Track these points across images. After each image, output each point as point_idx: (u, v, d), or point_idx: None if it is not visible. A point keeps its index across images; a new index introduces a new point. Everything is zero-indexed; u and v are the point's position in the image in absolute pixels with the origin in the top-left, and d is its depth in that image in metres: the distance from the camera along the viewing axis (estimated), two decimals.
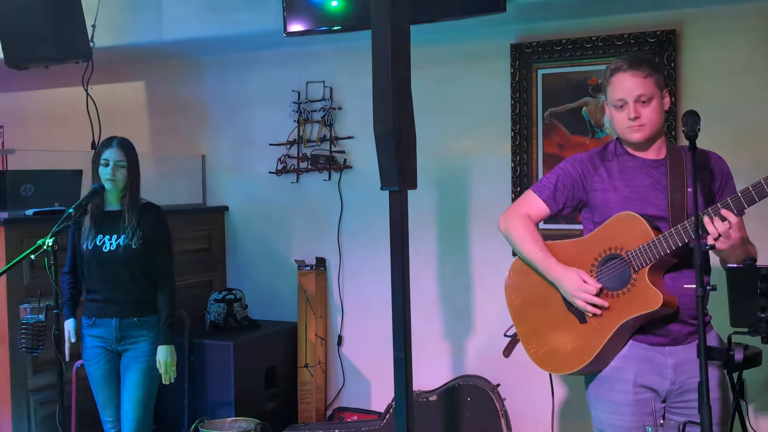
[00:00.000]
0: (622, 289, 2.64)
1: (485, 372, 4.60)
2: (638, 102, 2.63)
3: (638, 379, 2.66)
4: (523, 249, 2.88)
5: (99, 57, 4.94)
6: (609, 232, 2.69)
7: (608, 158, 2.79)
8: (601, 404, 2.76)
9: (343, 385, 5.15)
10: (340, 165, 5.12)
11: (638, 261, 2.59)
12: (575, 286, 2.69)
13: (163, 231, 3.98)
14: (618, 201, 2.71)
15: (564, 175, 2.84)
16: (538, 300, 2.88)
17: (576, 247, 2.80)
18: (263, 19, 4.66)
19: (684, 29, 4.19)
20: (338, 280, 5.17)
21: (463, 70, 4.74)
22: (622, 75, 2.64)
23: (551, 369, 2.87)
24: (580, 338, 2.74)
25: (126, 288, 3.86)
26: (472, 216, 4.77)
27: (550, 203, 2.86)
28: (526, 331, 2.93)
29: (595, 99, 4.38)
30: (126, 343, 3.88)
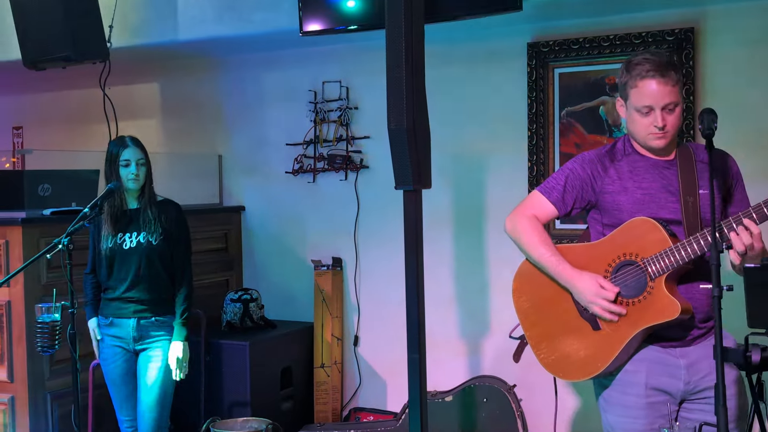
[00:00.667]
0: (638, 296, 2.58)
1: (501, 372, 4.57)
2: (665, 110, 2.56)
3: (650, 381, 2.61)
4: (533, 252, 2.80)
5: (116, 57, 4.97)
6: (623, 237, 2.63)
7: (617, 158, 2.73)
8: (612, 408, 2.71)
9: (359, 385, 5.15)
10: (356, 165, 5.11)
11: (655, 268, 2.53)
12: (592, 291, 2.63)
13: (181, 227, 4.04)
14: (629, 203, 2.65)
15: (573, 176, 2.78)
16: (547, 304, 2.82)
17: (589, 252, 2.73)
18: (279, 18, 4.66)
19: (703, 27, 4.15)
20: (355, 280, 5.17)
21: (480, 70, 4.72)
22: (652, 81, 2.56)
23: (563, 375, 2.81)
24: (593, 345, 2.68)
25: (145, 285, 3.89)
26: (488, 215, 4.74)
27: (559, 205, 2.80)
28: (535, 335, 2.86)
29: (612, 98, 4.34)
30: (143, 342, 3.91)
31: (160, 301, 3.94)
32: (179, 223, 4.02)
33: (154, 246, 3.89)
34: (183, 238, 4.03)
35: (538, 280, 2.83)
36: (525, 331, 2.91)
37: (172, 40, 4.99)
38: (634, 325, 2.57)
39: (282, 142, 5.33)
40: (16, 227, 4.19)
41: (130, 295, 3.90)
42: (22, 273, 3.96)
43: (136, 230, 3.91)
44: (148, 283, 3.90)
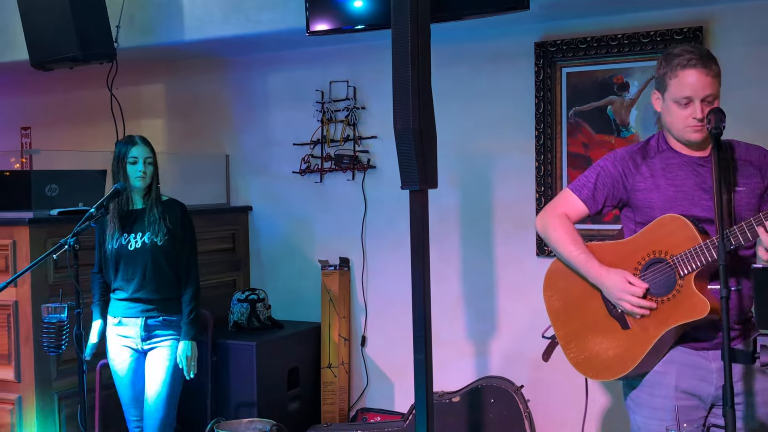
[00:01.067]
0: (666, 295, 2.54)
1: (509, 373, 4.57)
2: (704, 101, 2.52)
3: (680, 384, 2.58)
4: (562, 250, 2.78)
5: (123, 58, 4.98)
6: (653, 235, 2.60)
7: (650, 155, 2.69)
8: (640, 409, 2.68)
9: (366, 385, 5.14)
10: (363, 165, 5.10)
11: (684, 266, 2.49)
12: (620, 287, 2.60)
13: (187, 226, 4.04)
14: (662, 201, 2.61)
15: (604, 174, 2.75)
16: (577, 303, 2.80)
17: (618, 249, 2.71)
18: (286, 18, 4.65)
19: (712, 26, 4.12)
20: (362, 281, 5.16)
21: (487, 69, 4.71)
22: (694, 72, 2.52)
23: (592, 375, 2.78)
24: (622, 345, 2.66)
25: (152, 285, 3.90)
26: (495, 216, 4.73)
27: (590, 203, 2.77)
28: (565, 335, 2.84)
29: (620, 98, 4.32)
30: (151, 342, 3.93)
31: (167, 301, 3.95)
32: (184, 222, 4.02)
33: (159, 246, 3.90)
34: (188, 238, 4.03)
35: (569, 278, 2.81)
36: (555, 330, 2.89)
37: (178, 41, 4.99)
38: (662, 324, 2.54)
39: (289, 142, 5.33)
40: (23, 227, 4.20)
41: (137, 296, 3.91)
42: (29, 273, 3.97)
43: (141, 230, 3.91)
44: (154, 283, 3.91)
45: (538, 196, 4.53)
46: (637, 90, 4.28)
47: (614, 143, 4.33)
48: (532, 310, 4.56)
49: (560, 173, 4.48)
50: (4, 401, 4.26)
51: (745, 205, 2.51)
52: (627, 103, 4.30)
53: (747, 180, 2.56)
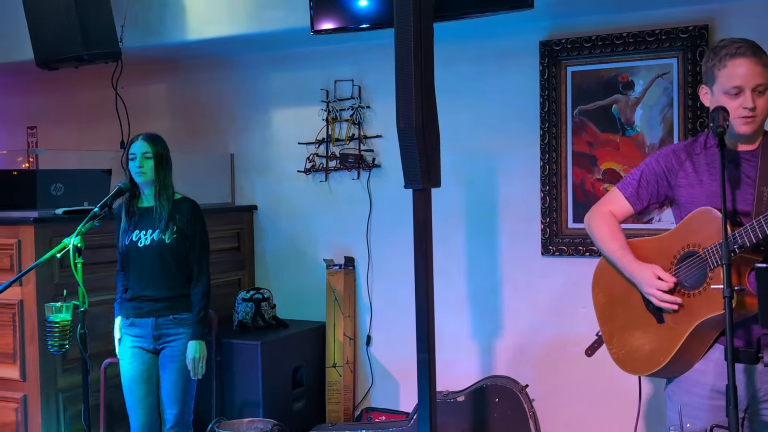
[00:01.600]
0: (698, 288, 2.53)
1: (514, 372, 4.56)
2: (755, 91, 2.48)
3: (717, 383, 2.54)
4: (603, 246, 2.82)
5: (128, 57, 4.99)
6: (687, 228, 2.60)
7: (696, 152, 2.68)
8: (674, 405, 2.67)
9: (371, 385, 5.13)
10: (368, 164, 5.10)
11: (714, 258, 2.47)
12: (648, 281, 2.62)
13: (197, 225, 4.01)
14: (704, 196, 2.60)
15: (648, 171, 2.76)
16: (620, 299, 2.82)
17: (656, 244, 2.73)
18: (291, 17, 4.65)
19: (717, 24, 4.11)
20: (367, 280, 5.15)
21: (492, 68, 4.70)
22: (743, 60, 2.48)
23: (630, 370, 2.78)
24: (657, 339, 2.66)
25: (160, 284, 3.91)
26: (500, 214, 4.72)
27: (634, 200, 2.79)
28: (609, 330, 2.87)
29: (625, 96, 4.31)
30: (163, 341, 3.94)
31: (176, 299, 3.95)
32: (194, 221, 4.00)
33: (167, 244, 3.90)
34: (198, 237, 4.01)
35: (613, 276, 2.84)
36: (600, 326, 2.92)
37: (183, 40, 5.00)
38: (693, 318, 2.52)
39: (294, 141, 5.33)
40: (29, 226, 4.20)
41: (145, 294, 3.92)
42: (34, 272, 3.99)
43: (150, 228, 3.93)
44: (162, 281, 3.92)
45: (542, 195, 4.51)
46: (642, 89, 4.26)
47: (619, 142, 4.32)
48: (537, 309, 4.57)
49: (565, 172, 4.46)
50: (10, 400, 4.26)
51: None
52: (632, 102, 4.29)
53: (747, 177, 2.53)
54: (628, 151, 4.28)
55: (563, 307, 4.50)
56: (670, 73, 4.20)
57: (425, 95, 2.91)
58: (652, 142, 4.24)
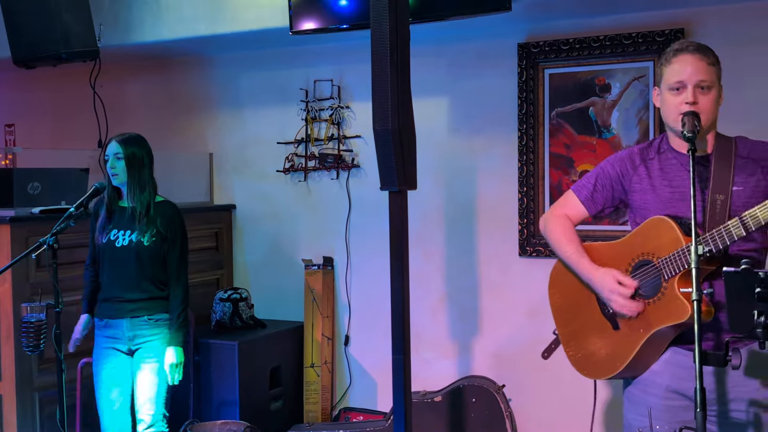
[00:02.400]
0: (654, 297, 2.55)
1: (491, 373, 4.58)
2: (698, 87, 2.50)
3: (672, 384, 2.58)
4: (558, 250, 2.83)
5: (107, 56, 4.96)
6: (642, 237, 2.61)
7: (650, 156, 2.69)
8: (632, 406, 2.70)
9: (349, 385, 5.14)
10: (348, 164, 5.10)
11: (669, 269, 2.50)
12: (609, 287, 2.63)
13: (177, 230, 3.99)
14: (657, 202, 2.61)
15: (603, 175, 2.77)
16: (576, 302, 2.83)
17: (611, 250, 2.74)
18: (270, 17, 4.64)
19: (693, 28, 4.14)
20: (346, 280, 5.16)
21: (471, 69, 4.71)
22: (687, 56, 2.51)
23: (587, 374, 2.81)
24: (613, 345, 2.69)
25: (135, 285, 3.89)
26: (478, 215, 4.74)
27: (588, 204, 2.80)
28: (566, 333, 2.89)
29: (602, 99, 4.34)
30: (138, 342, 3.92)
31: (152, 301, 3.93)
32: (175, 225, 3.98)
33: (145, 246, 3.88)
34: (177, 241, 3.98)
35: (568, 278, 2.85)
36: (558, 328, 2.94)
37: (162, 39, 4.98)
38: (649, 326, 2.55)
39: (273, 141, 5.32)
40: (5, 226, 4.18)
41: (120, 295, 3.90)
42: (9, 271, 3.96)
43: (129, 229, 3.91)
44: (138, 283, 3.90)
45: (520, 196, 4.54)
46: (618, 91, 4.29)
47: (596, 144, 4.35)
48: (514, 309, 4.59)
49: (542, 174, 4.49)
50: None
51: (743, 204, 2.48)
52: (609, 105, 4.32)
53: (746, 178, 2.53)
54: (604, 153, 4.30)
55: (540, 307, 4.48)
56: (646, 76, 4.23)
57: (401, 98, 2.93)
58: (628, 144, 4.27)
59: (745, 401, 2.52)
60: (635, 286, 2.59)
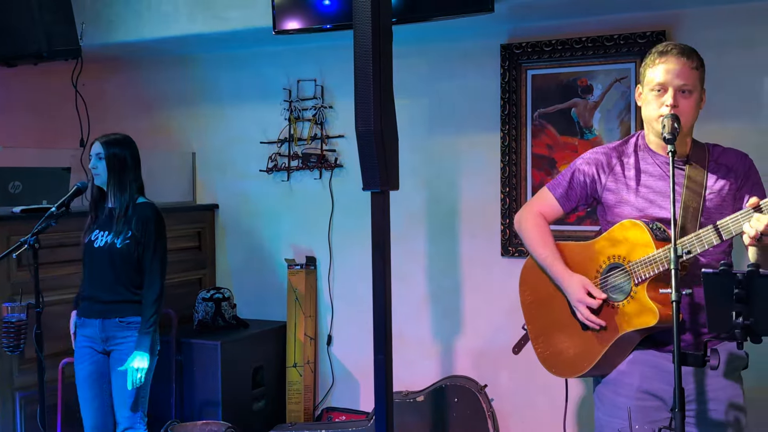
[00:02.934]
0: (623, 300, 2.57)
1: (473, 372, 4.60)
2: (680, 91, 2.51)
3: (643, 384, 2.61)
4: (531, 249, 2.85)
5: (89, 54, 4.94)
6: (614, 239, 2.62)
7: (627, 154, 2.70)
8: (603, 406, 2.72)
9: (332, 384, 5.14)
10: (331, 163, 5.10)
11: (639, 274, 2.52)
12: (578, 297, 2.65)
13: (152, 233, 3.93)
14: (631, 201, 2.63)
15: (578, 173, 2.79)
16: (546, 300, 2.85)
17: (583, 250, 2.75)
18: (253, 17, 4.64)
19: (674, 30, 4.17)
20: (328, 280, 5.16)
21: (454, 70, 4.73)
22: (671, 59, 2.52)
23: (555, 372, 2.84)
24: (582, 344, 2.71)
25: (109, 287, 3.87)
26: (461, 215, 4.75)
27: (563, 201, 2.82)
28: (535, 330, 2.91)
29: (584, 100, 4.36)
30: (112, 343, 3.90)
31: (124, 303, 3.89)
32: (149, 227, 3.92)
33: (117, 249, 3.84)
34: (154, 244, 3.92)
35: (539, 275, 2.87)
36: (527, 324, 2.96)
37: (145, 38, 4.97)
38: (617, 329, 2.58)
39: (256, 140, 5.31)
40: None
41: (96, 295, 3.89)
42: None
43: (108, 229, 3.89)
44: (111, 284, 3.87)
45: (503, 196, 4.56)
46: (600, 93, 4.32)
47: (578, 145, 4.37)
48: (496, 309, 4.61)
49: (525, 174, 4.51)
50: None
51: (715, 208, 2.52)
52: (591, 106, 4.34)
53: (719, 183, 2.56)
54: None
55: None
56: (628, 77, 4.25)
57: (384, 98, 2.93)
58: None
59: (720, 400, 2.55)
60: (603, 299, 2.61)
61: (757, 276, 2.11)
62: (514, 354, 3.11)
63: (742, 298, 2.13)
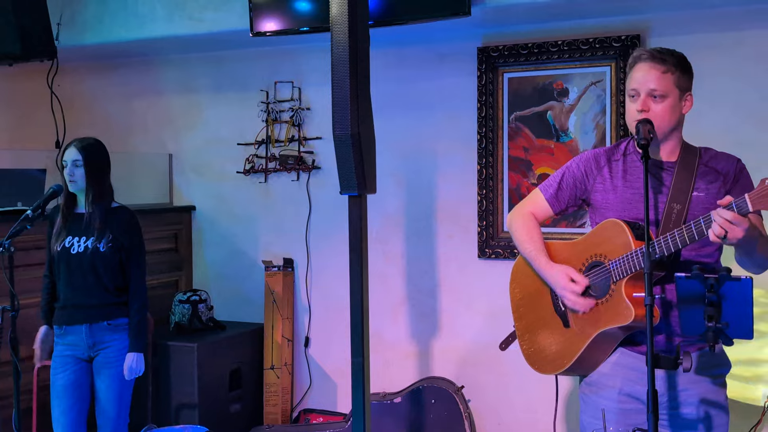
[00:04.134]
0: (603, 297, 2.61)
1: (450, 374, 4.62)
2: (650, 96, 2.54)
3: (624, 387, 2.64)
4: (521, 247, 2.90)
5: (64, 55, 4.92)
6: (596, 238, 2.68)
7: (615, 157, 2.74)
8: (587, 408, 2.75)
9: (309, 386, 5.15)
10: (308, 165, 5.11)
11: (618, 272, 2.55)
12: (561, 284, 2.69)
13: (134, 236, 3.95)
14: (617, 203, 2.67)
15: (568, 175, 2.83)
16: (532, 298, 2.90)
17: (568, 249, 2.81)
18: (230, 18, 4.64)
19: (648, 34, 4.21)
20: (306, 281, 5.16)
21: (431, 73, 4.75)
22: (642, 65, 2.57)
23: (537, 368, 2.89)
24: (563, 342, 2.75)
25: (93, 292, 3.85)
26: (438, 217, 4.77)
27: (553, 202, 2.86)
28: (522, 327, 2.96)
29: (560, 103, 4.39)
30: (98, 348, 3.88)
31: (110, 306, 3.89)
32: (131, 231, 3.93)
33: (101, 253, 3.84)
34: (134, 247, 3.93)
35: (528, 273, 2.91)
36: (515, 321, 3.00)
37: (122, 39, 4.95)
38: (595, 326, 2.62)
39: (233, 142, 5.31)
40: None
41: (78, 302, 3.86)
42: None
43: (84, 235, 3.86)
44: (95, 289, 3.85)
45: (479, 198, 4.58)
46: (576, 96, 4.35)
47: (554, 148, 4.40)
48: (473, 311, 4.64)
49: (501, 176, 4.54)
50: None
51: (701, 210, 2.52)
52: (566, 109, 4.38)
53: (707, 186, 2.59)
54: (562, 156, 4.37)
55: (499, 308, 4.54)
56: (603, 81, 4.29)
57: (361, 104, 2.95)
58: (585, 148, 4.33)
59: (695, 402, 2.58)
60: (586, 284, 2.66)
61: (728, 280, 2.14)
62: (501, 350, 3.15)
63: (714, 302, 2.16)
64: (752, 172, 2.70)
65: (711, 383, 2.61)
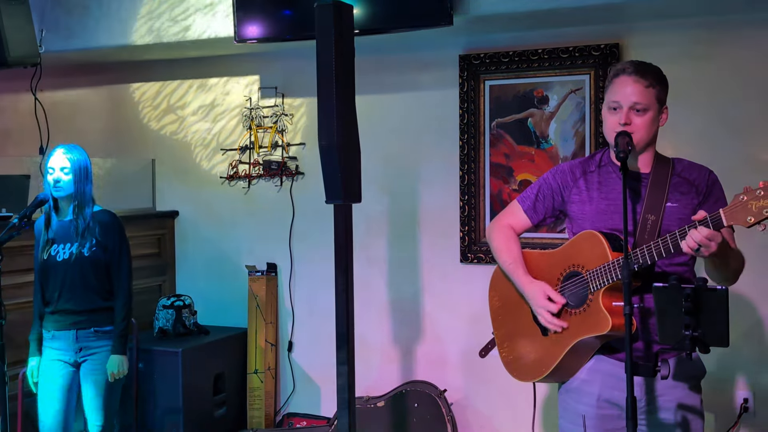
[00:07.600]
0: (580, 307, 2.65)
1: (433, 377, 4.66)
2: (633, 109, 2.58)
3: (603, 393, 2.67)
4: (499, 258, 2.94)
5: (48, 61, 4.91)
6: (573, 248, 2.72)
7: (590, 169, 2.78)
8: (566, 414, 2.79)
9: (293, 390, 5.18)
10: (291, 171, 5.14)
11: (595, 282, 2.60)
12: (539, 302, 2.74)
13: (118, 239, 3.97)
14: (593, 213, 2.71)
15: (545, 186, 2.87)
16: (512, 306, 2.94)
17: (546, 259, 2.85)
18: (214, 25, 4.66)
19: (627, 43, 4.28)
20: (289, 286, 5.19)
21: (413, 80, 4.79)
22: (625, 78, 2.59)
23: (516, 376, 2.93)
24: (541, 350, 2.79)
25: (80, 297, 3.87)
26: (421, 223, 4.82)
27: (531, 214, 2.90)
28: (501, 335, 3.00)
29: (540, 110, 4.45)
30: (85, 354, 3.90)
31: (97, 312, 3.91)
32: (114, 234, 3.96)
33: (86, 258, 3.86)
34: (119, 250, 3.96)
35: (507, 283, 2.95)
36: (494, 330, 3.04)
37: (105, 44, 4.95)
38: (573, 335, 2.66)
39: (217, 148, 5.34)
40: None
41: (66, 307, 3.88)
42: None
43: (69, 241, 3.88)
44: (82, 294, 3.88)
45: (462, 204, 4.63)
46: (556, 103, 4.42)
47: (534, 155, 4.46)
48: (456, 315, 4.68)
49: (483, 183, 4.59)
50: None
51: (675, 220, 2.59)
52: (546, 116, 4.44)
53: (681, 197, 2.64)
54: (542, 163, 4.43)
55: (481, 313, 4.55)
56: (583, 89, 4.36)
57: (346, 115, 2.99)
58: (565, 155, 4.39)
59: (672, 407, 2.64)
60: (563, 303, 2.70)
61: (704, 290, 2.21)
62: (481, 357, 3.19)
63: (691, 311, 2.22)
64: (726, 177, 2.77)
65: (687, 389, 2.67)
